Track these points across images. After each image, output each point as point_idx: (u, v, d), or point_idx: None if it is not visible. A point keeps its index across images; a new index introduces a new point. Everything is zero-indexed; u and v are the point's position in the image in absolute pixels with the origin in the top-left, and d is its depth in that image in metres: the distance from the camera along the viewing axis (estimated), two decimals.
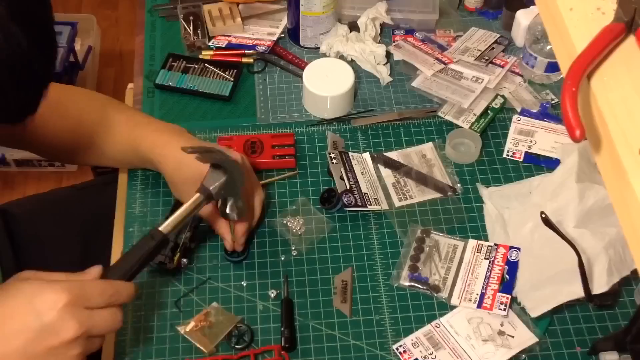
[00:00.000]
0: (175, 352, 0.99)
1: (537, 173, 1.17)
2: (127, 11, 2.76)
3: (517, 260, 1.05)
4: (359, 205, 1.11)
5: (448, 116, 1.24)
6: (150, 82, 1.31)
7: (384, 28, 1.39)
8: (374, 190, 1.14)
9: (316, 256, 1.08)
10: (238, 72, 1.32)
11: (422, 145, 1.21)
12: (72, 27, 2.25)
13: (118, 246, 1.11)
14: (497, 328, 1.00)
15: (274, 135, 1.21)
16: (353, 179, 1.14)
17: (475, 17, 1.43)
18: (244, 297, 1.04)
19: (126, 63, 2.60)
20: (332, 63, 1.29)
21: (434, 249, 1.08)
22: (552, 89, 1.29)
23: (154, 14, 1.44)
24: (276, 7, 1.43)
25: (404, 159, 1.19)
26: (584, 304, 1.02)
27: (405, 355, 0.98)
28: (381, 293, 1.05)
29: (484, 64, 1.31)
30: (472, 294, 1.03)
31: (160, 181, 1.16)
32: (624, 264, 1.00)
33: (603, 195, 1.03)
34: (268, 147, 1.18)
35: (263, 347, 0.99)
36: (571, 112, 0.57)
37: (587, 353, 0.99)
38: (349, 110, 1.27)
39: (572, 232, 1.01)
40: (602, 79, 0.61)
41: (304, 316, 1.02)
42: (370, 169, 1.18)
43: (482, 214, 1.13)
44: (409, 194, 1.15)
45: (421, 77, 1.31)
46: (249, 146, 1.18)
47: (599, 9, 0.65)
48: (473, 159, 1.19)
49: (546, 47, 1.25)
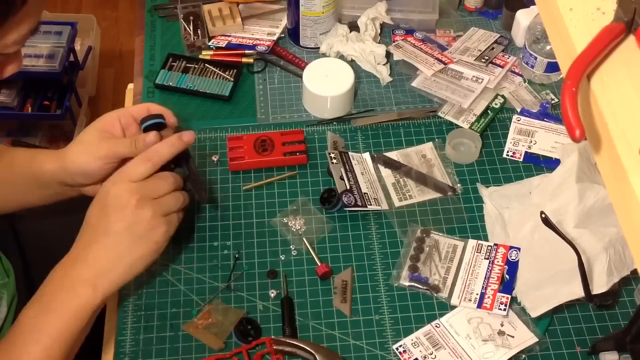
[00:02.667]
0: (175, 352, 0.99)
1: (537, 173, 1.17)
2: (127, 11, 2.77)
3: (517, 260, 1.05)
4: (359, 205, 1.11)
5: (448, 116, 1.24)
6: (150, 82, 1.31)
7: (384, 28, 1.39)
8: (374, 190, 1.14)
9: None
10: (238, 72, 1.32)
11: (422, 145, 1.21)
12: (72, 27, 2.25)
13: None
14: (497, 328, 1.00)
15: (283, 132, 1.21)
16: (353, 179, 1.14)
17: (475, 17, 1.43)
18: (244, 297, 1.04)
19: (126, 63, 2.60)
20: (332, 63, 1.29)
21: (433, 249, 1.08)
22: (552, 89, 1.29)
23: (154, 14, 1.44)
24: (276, 7, 1.43)
25: (404, 159, 1.19)
26: (584, 304, 1.02)
27: (405, 355, 0.98)
28: (381, 293, 1.05)
29: (484, 64, 1.31)
30: (472, 294, 1.03)
31: None
32: (623, 264, 1.00)
33: (603, 195, 1.03)
34: (279, 144, 1.18)
35: (255, 341, 0.99)
36: (571, 112, 0.57)
37: (587, 353, 0.99)
38: (349, 110, 1.27)
39: (572, 232, 1.01)
40: (602, 79, 0.61)
41: (304, 316, 1.02)
42: (370, 169, 1.18)
43: (482, 214, 1.13)
44: (409, 194, 1.15)
45: (421, 77, 1.31)
46: (259, 144, 1.18)
47: (599, 9, 0.65)
48: (473, 159, 1.19)
49: (546, 47, 1.25)
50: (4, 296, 1.07)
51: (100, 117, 1.05)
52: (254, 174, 1.17)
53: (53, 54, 2.17)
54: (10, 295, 1.09)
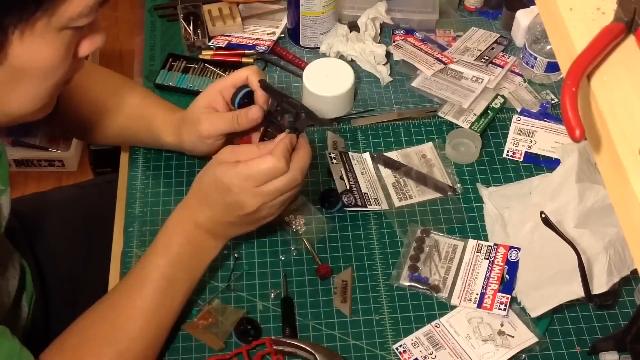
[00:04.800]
0: (175, 352, 0.99)
1: (537, 173, 1.17)
2: (127, 11, 2.76)
3: (517, 260, 1.05)
4: (359, 205, 1.11)
5: (448, 116, 1.24)
6: (150, 82, 1.31)
7: (384, 28, 1.39)
8: (374, 190, 1.14)
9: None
10: None
11: (422, 145, 1.21)
12: None
13: (118, 246, 1.11)
14: (497, 328, 1.00)
15: None
16: (353, 179, 1.14)
17: (475, 17, 1.43)
18: (244, 297, 1.04)
19: (126, 63, 2.60)
20: (332, 63, 1.29)
21: (433, 249, 1.08)
22: (552, 89, 1.29)
23: (154, 14, 1.44)
24: (276, 7, 1.43)
25: (404, 159, 1.19)
26: (584, 304, 1.02)
27: (405, 355, 0.98)
28: (381, 293, 1.05)
29: (484, 64, 1.31)
30: (472, 294, 1.03)
31: (161, 181, 1.17)
32: (624, 264, 1.00)
33: (603, 195, 1.03)
34: None
35: (254, 341, 0.99)
36: (571, 112, 0.57)
37: (587, 353, 0.99)
38: (349, 110, 1.27)
39: (572, 232, 1.01)
40: (602, 79, 0.61)
41: (304, 316, 1.02)
42: (370, 169, 1.18)
43: (482, 214, 1.13)
44: (409, 194, 1.15)
45: (421, 77, 1.31)
46: None
47: (599, 9, 0.65)
48: (473, 159, 1.19)
49: (546, 47, 1.25)
50: (23, 296, 1.07)
51: (203, 92, 1.08)
52: None
53: None
54: (29, 294, 1.09)
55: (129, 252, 1.09)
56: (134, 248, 1.09)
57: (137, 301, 0.93)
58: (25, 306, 1.06)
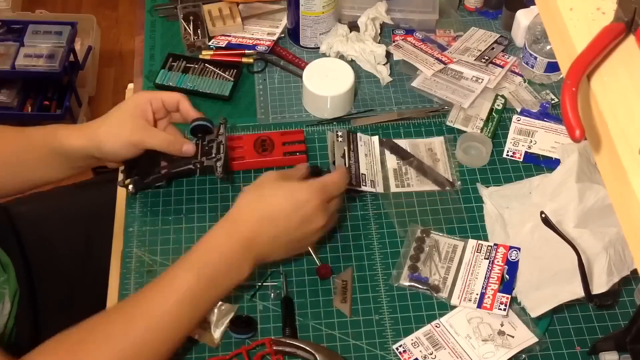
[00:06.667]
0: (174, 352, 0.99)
1: (537, 173, 1.17)
2: (127, 11, 2.77)
3: (517, 260, 1.05)
4: (353, 185, 1.11)
5: (456, 124, 1.24)
6: (150, 82, 1.31)
7: (384, 28, 1.39)
8: (374, 173, 1.15)
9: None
10: (238, 72, 1.32)
11: (432, 138, 1.22)
12: (72, 27, 2.25)
13: (118, 246, 1.11)
14: (497, 328, 1.00)
15: (283, 132, 1.21)
16: (354, 157, 1.14)
17: (475, 17, 1.43)
18: (244, 297, 1.04)
19: (126, 63, 2.60)
20: (332, 63, 1.29)
21: (433, 248, 1.08)
22: (552, 89, 1.29)
23: (154, 14, 1.44)
24: (276, 7, 1.43)
25: (412, 148, 1.20)
26: (584, 304, 1.02)
27: (405, 355, 0.98)
28: (381, 293, 1.05)
29: (484, 64, 1.31)
30: (472, 294, 1.03)
31: None
32: (623, 264, 1.00)
33: (603, 195, 1.03)
34: (279, 144, 1.18)
35: (254, 342, 0.99)
36: (571, 112, 0.57)
37: (587, 353, 0.99)
38: (349, 110, 1.27)
39: (572, 232, 1.01)
40: (602, 79, 0.61)
41: (304, 316, 1.02)
42: (376, 153, 1.18)
43: (482, 213, 1.13)
44: (408, 182, 1.15)
45: (421, 77, 1.31)
46: (259, 144, 1.18)
47: (599, 9, 0.65)
48: (484, 162, 1.19)
49: (546, 47, 1.25)
50: (5, 292, 1.07)
51: (131, 97, 1.09)
52: (254, 173, 1.17)
53: (53, 54, 2.18)
54: (12, 290, 1.09)
55: (129, 252, 1.09)
56: (134, 248, 1.09)
57: (158, 311, 0.91)
58: (8, 302, 1.07)
